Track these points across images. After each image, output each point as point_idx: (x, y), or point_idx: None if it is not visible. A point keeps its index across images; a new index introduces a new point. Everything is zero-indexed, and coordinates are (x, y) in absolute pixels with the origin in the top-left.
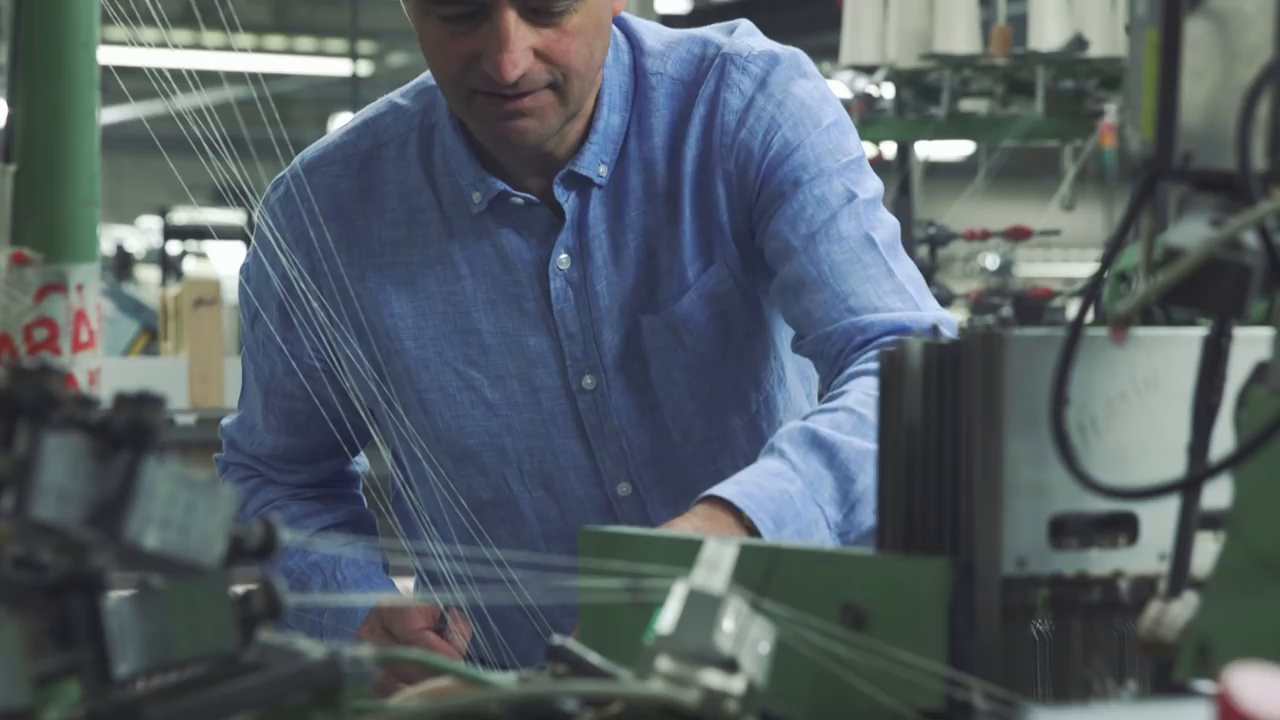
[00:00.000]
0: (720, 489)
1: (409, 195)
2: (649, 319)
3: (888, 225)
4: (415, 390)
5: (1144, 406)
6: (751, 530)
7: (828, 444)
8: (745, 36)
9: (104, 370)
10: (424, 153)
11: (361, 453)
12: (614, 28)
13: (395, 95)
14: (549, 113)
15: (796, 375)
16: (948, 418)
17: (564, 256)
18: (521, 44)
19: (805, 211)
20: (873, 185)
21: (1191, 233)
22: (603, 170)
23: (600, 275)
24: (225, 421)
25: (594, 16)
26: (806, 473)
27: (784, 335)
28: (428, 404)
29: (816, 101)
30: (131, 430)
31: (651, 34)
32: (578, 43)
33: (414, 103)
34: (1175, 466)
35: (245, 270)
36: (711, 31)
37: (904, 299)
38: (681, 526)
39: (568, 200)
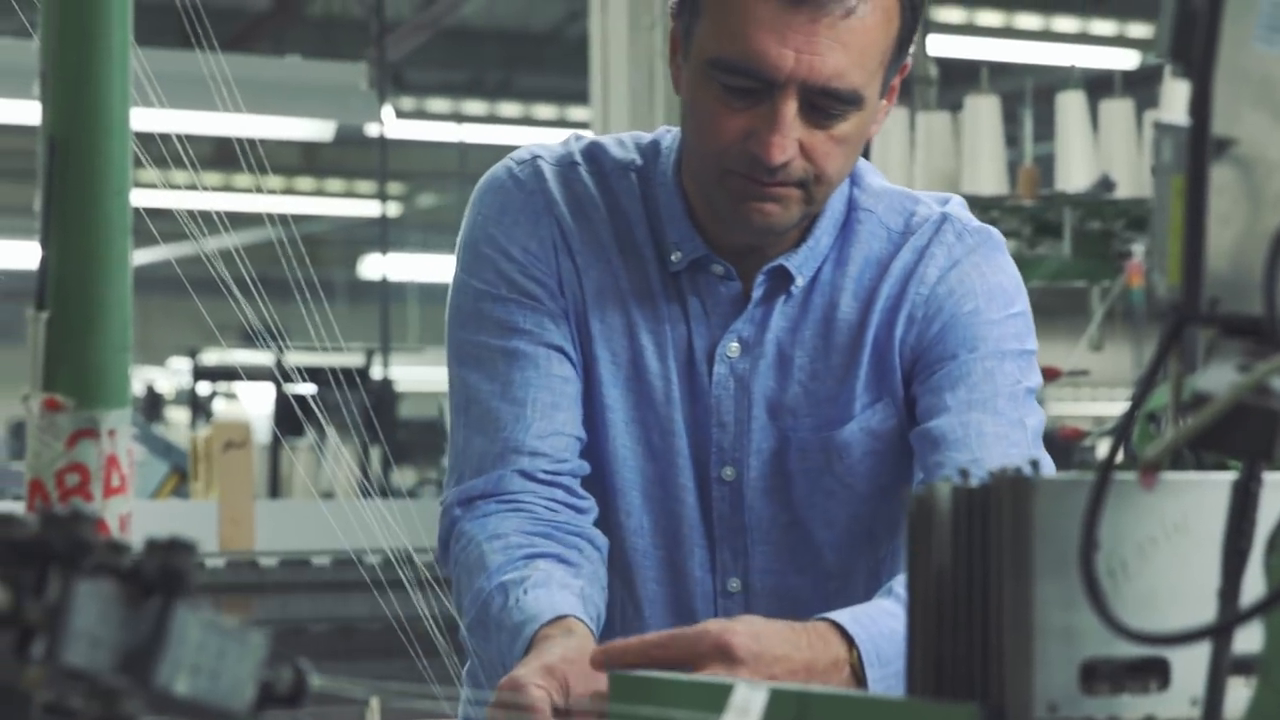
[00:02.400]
0: (836, 614)
1: (632, 224)
2: (806, 439)
3: (1038, 418)
4: (602, 403)
5: (1174, 551)
6: (856, 660)
7: None
8: (961, 208)
9: (134, 513)
10: (642, 193)
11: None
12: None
13: (612, 136)
14: (792, 205)
15: None
16: (977, 562)
17: (735, 345)
18: (793, 133)
19: (971, 379)
20: (1037, 379)
21: (1219, 378)
22: (800, 281)
23: (761, 379)
24: (460, 489)
25: (860, 128)
26: None
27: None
28: (606, 421)
29: (1014, 287)
30: (163, 576)
31: (870, 172)
32: (839, 150)
33: (637, 152)
34: (1206, 611)
35: (472, 247)
36: (925, 194)
37: None
38: (791, 633)
39: (759, 290)
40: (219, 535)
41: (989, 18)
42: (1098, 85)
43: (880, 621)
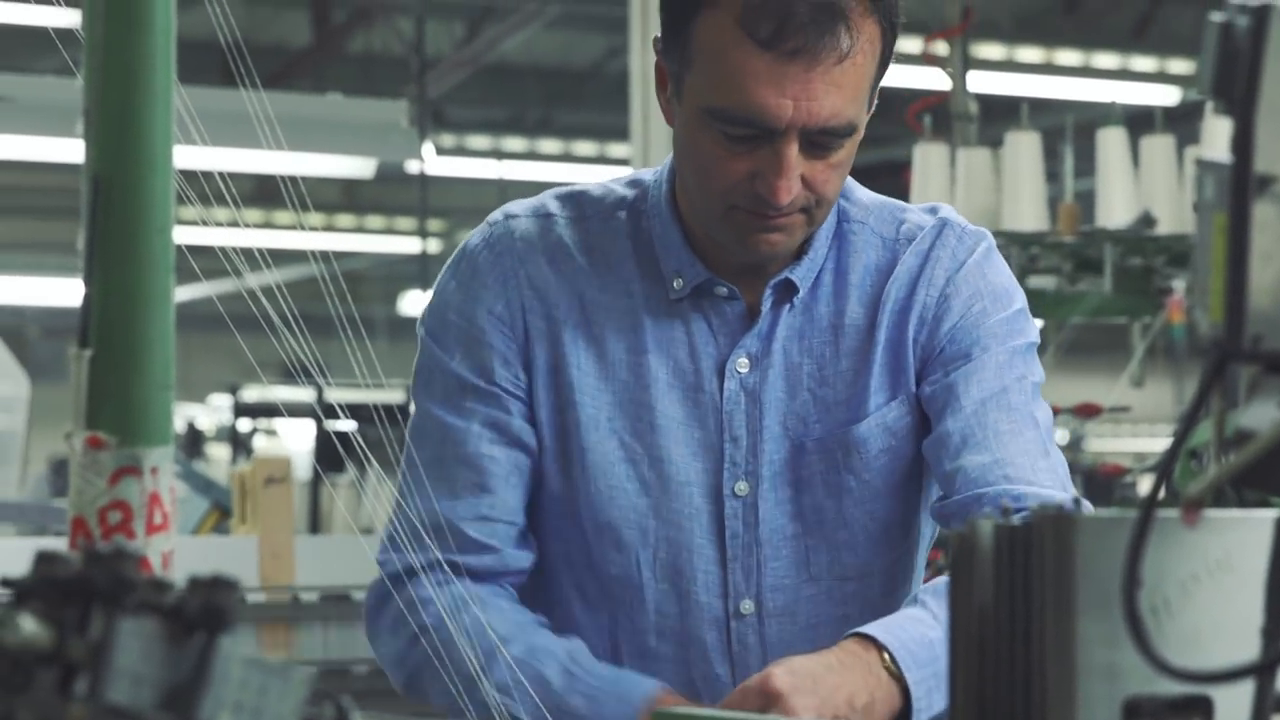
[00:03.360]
0: (867, 627)
1: (615, 264)
2: (819, 441)
3: (1047, 412)
4: (580, 447)
5: (1217, 588)
6: (893, 667)
7: None
8: (953, 213)
9: (176, 550)
10: (632, 229)
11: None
12: None
13: (598, 181)
14: (796, 230)
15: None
16: (1019, 599)
17: (744, 360)
18: (796, 171)
19: (983, 376)
20: (1039, 372)
21: (1262, 415)
22: (802, 291)
23: (770, 389)
24: (399, 558)
25: (851, 151)
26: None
27: (929, 500)
28: (587, 464)
29: (1012, 285)
30: (205, 614)
31: (856, 187)
32: (835, 174)
33: (624, 188)
34: (1249, 649)
35: (438, 313)
36: (913, 206)
37: (1054, 479)
38: (822, 657)
39: (767, 304)
40: (259, 570)
41: (1029, 54)
42: (1138, 121)
43: (908, 628)
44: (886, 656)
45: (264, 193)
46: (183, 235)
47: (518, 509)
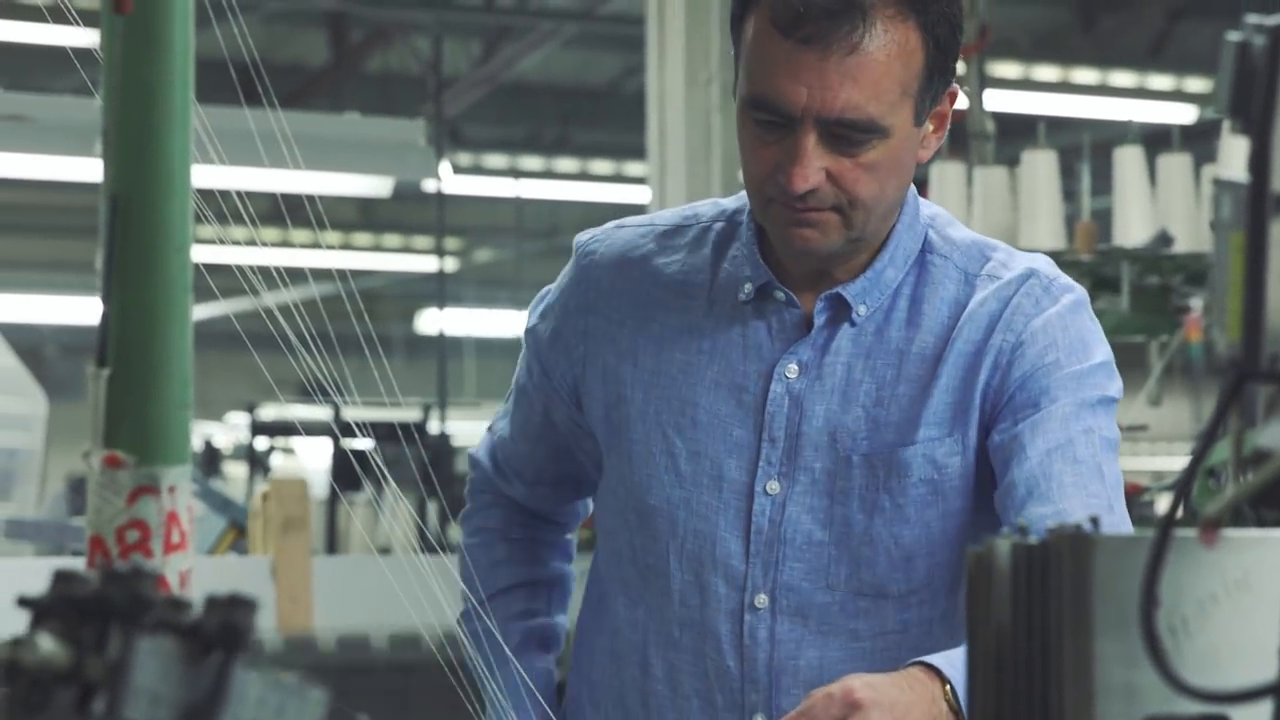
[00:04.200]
0: (931, 658)
1: (690, 273)
2: (865, 457)
3: (1116, 468)
4: (627, 439)
5: (1235, 608)
6: (953, 700)
7: None
8: (1049, 265)
9: (193, 569)
10: (721, 242)
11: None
12: (920, 204)
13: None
14: (832, 230)
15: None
16: (1037, 619)
17: (794, 366)
18: (816, 163)
19: (1050, 427)
20: (1113, 428)
21: None
22: (862, 310)
23: (821, 400)
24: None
25: (892, 156)
26: None
27: (961, 549)
28: (632, 455)
29: (1095, 339)
30: (223, 633)
31: (952, 223)
32: (869, 176)
33: (732, 200)
34: (1267, 668)
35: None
36: (1008, 247)
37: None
38: (896, 679)
39: (821, 317)
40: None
41: (1046, 73)
42: (1155, 140)
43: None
44: (949, 689)
45: (281, 211)
46: (200, 254)
47: (547, 470)
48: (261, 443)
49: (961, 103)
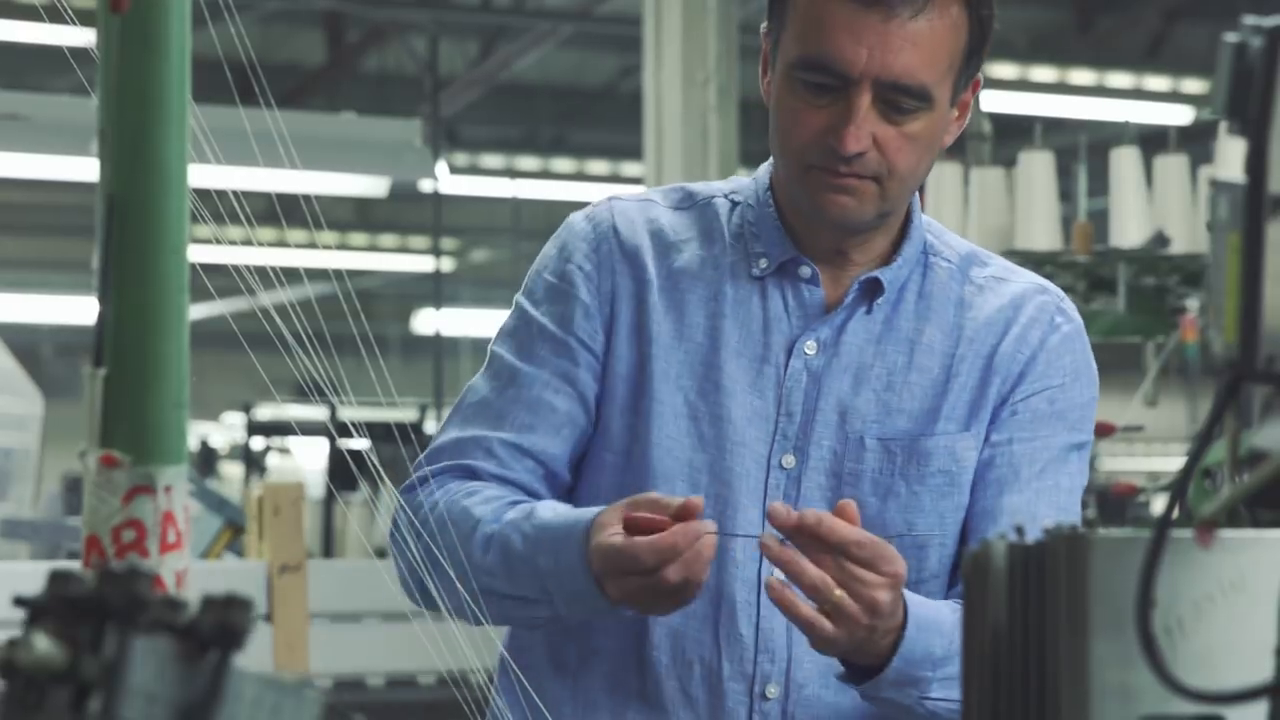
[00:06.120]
0: (914, 608)
1: (707, 241)
2: (880, 440)
3: (1079, 516)
4: (649, 398)
5: (1231, 609)
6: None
7: None
8: (1052, 285)
9: (189, 569)
10: (728, 215)
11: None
12: (919, 211)
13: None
14: (867, 199)
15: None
16: (1033, 619)
17: (812, 343)
18: (867, 125)
19: (1041, 454)
20: (1087, 474)
21: (1276, 435)
22: (887, 295)
23: (835, 380)
24: (437, 444)
25: (931, 130)
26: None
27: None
28: (653, 414)
29: (1094, 371)
30: (219, 633)
31: (941, 230)
32: (910, 147)
33: (728, 184)
34: (1263, 669)
35: (534, 274)
36: (999, 258)
37: None
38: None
39: (851, 297)
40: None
41: (1042, 73)
42: (1152, 141)
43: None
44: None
45: (277, 211)
46: (197, 254)
47: (556, 457)
48: (258, 443)
49: None
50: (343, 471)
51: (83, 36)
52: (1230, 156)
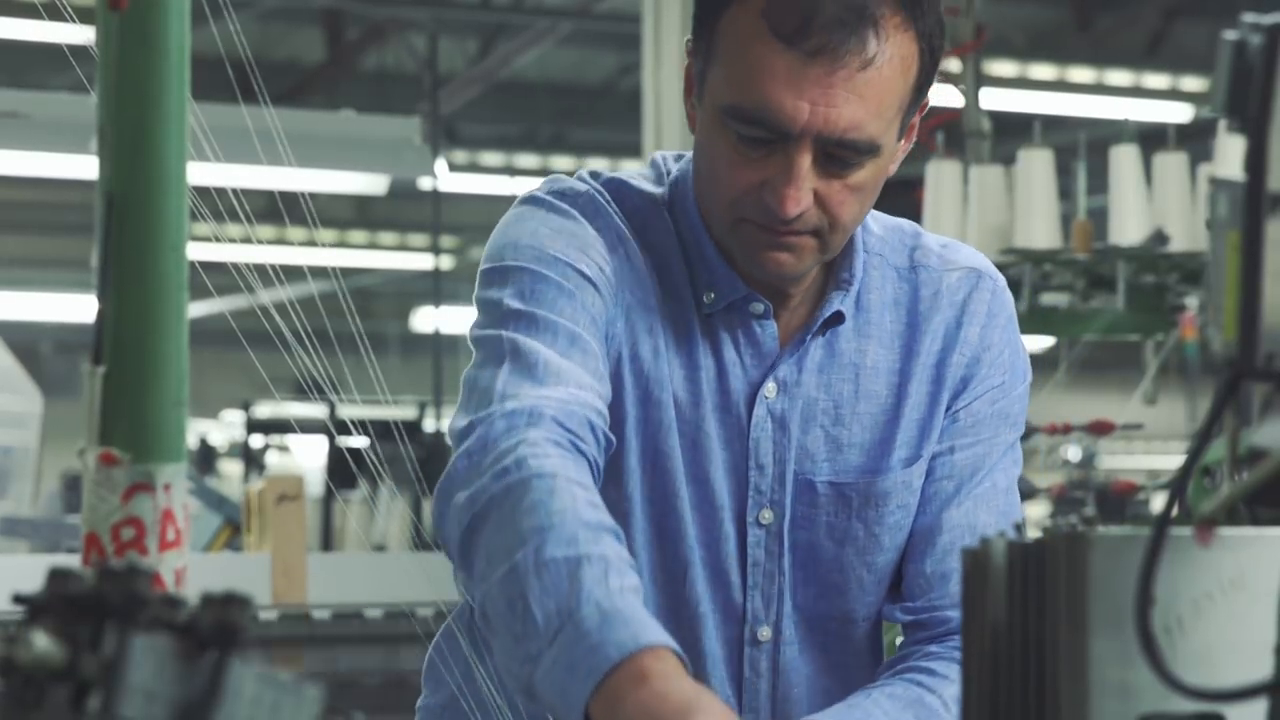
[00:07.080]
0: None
1: (665, 261)
2: (829, 483)
3: (1020, 510)
4: (656, 449)
5: (1230, 607)
6: None
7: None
8: (983, 260)
9: (188, 566)
10: (676, 227)
11: None
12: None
13: (632, 170)
14: (807, 254)
15: None
16: (1033, 617)
17: (772, 385)
18: (807, 184)
19: (984, 460)
20: (1021, 464)
21: (1275, 433)
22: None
23: (793, 421)
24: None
25: (876, 176)
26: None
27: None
28: (636, 420)
29: (1025, 353)
30: (218, 631)
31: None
32: (853, 198)
33: (652, 185)
34: (1262, 667)
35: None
36: (920, 230)
37: None
38: None
39: (808, 335)
40: (272, 588)
41: (1042, 71)
42: (1151, 139)
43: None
44: None
45: (276, 209)
46: (196, 251)
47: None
48: (257, 440)
49: (958, 101)
50: (342, 469)
51: (82, 34)
52: (1230, 154)
